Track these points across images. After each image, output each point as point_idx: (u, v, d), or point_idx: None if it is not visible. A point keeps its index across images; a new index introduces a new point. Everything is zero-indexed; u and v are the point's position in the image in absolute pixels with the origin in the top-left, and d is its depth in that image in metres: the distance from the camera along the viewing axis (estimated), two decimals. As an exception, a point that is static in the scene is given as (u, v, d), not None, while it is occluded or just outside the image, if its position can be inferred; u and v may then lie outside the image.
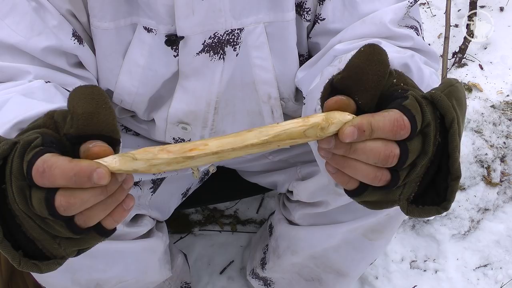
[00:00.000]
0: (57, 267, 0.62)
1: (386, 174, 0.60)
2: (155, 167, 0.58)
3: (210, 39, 0.90)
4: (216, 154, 0.58)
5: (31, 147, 0.57)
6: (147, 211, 1.13)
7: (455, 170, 0.62)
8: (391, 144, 0.59)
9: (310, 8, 0.93)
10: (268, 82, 0.98)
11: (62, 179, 0.55)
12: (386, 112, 0.60)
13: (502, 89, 1.94)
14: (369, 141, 0.59)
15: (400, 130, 0.59)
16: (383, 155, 0.58)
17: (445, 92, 0.63)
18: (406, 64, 0.78)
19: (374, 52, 0.60)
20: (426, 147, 0.61)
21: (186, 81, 0.95)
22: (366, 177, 0.60)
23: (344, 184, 0.63)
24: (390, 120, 0.58)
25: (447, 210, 0.63)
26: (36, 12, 0.85)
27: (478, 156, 1.78)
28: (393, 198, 0.63)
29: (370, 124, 0.58)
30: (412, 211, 0.64)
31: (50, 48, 0.86)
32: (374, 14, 0.88)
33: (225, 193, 1.51)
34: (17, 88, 0.80)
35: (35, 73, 0.85)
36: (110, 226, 0.60)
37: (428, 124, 0.61)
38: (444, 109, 0.62)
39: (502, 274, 1.73)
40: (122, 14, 0.90)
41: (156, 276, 1.22)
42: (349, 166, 0.60)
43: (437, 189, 0.64)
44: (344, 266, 1.24)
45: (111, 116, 0.59)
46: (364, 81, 0.60)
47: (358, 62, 0.60)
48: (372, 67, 0.60)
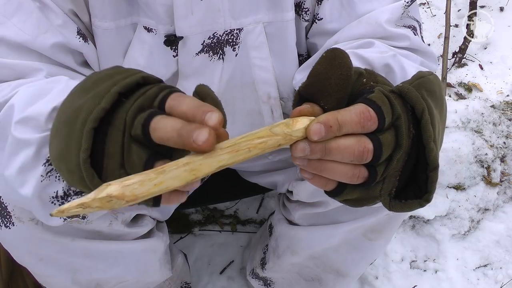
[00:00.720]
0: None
1: (364, 171, 0.61)
2: (128, 188, 0.54)
3: (209, 39, 0.90)
4: (188, 165, 0.55)
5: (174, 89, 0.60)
6: (147, 211, 1.13)
7: (432, 161, 0.62)
8: (364, 139, 0.59)
9: (309, 8, 0.93)
10: (267, 82, 0.98)
11: (186, 106, 0.56)
12: (352, 106, 0.60)
13: (502, 89, 1.94)
14: (341, 139, 0.59)
15: (367, 121, 0.59)
16: (357, 151, 0.59)
17: (414, 84, 0.63)
18: (387, 64, 0.78)
19: (335, 56, 0.61)
20: (399, 139, 0.61)
21: (185, 81, 0.95)
22: (344, 176, 0.60)
23: (323, 186, 0.63)
24: (356, 113, 0.59)
25: (429, 202, 0.63)
26: (41, 11, 0.86)
27: (478, 156, 1.78)
28: (373, 194, 0.63)
29: (336, 119, 0.58)
30: (395, 206, 0.64)
31: (58, 44, 0.86)
32: (370, 14, 0.88)
33: (225, 193, 1.51)
34: (63, 77, 0.81)
35: (47, 70, 0.85)
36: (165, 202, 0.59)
37: (399, 117, 0.61)
38: (412, 101, 0.62)
39: (502, 274, 1.73)
40: (123, 14, 0.90)
41: (157, 276, 1.22)
42: (326, 169, 0.60)
43: (418, 182, 0.64)
44: (344, 266, 1.24)
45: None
46: (327, 86, 0.60)
47: (320, 68, 0.61)
48: (334, 71, 0.60)
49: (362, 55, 0.80)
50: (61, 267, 1.02)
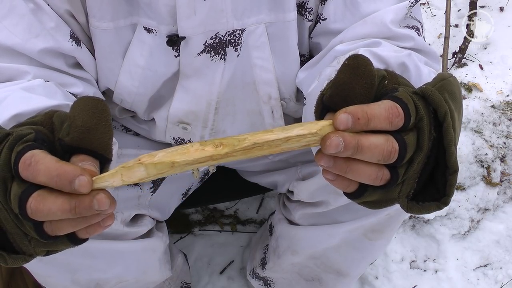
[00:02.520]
0: (23, 263, 0.62)
1: (387, 173, 0.60)
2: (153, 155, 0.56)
3: (211, 40, 0.90)
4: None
5: (23, 140, 0.57)
6: (147, 211, 1.13)
7: (452, 164, 0.61)
8: (391, 138, 0.59)
9: (312, 8, 0.93)
10: (268, 82, 0.98)
11: (44, 176, 0.54)
12: (380, 101, 0.59)
13: (502, 89, 1.94)
14: (371, 137, 0.58)
15: (395, 117, 0.58)
16: (386, 151, 0.58)
17: (437, 87, 0.63)
18: (403, 63, 0.78)
19: (358, 65, 0.59)
20: (421, 142, 0.61)
21: (186, 81, 0.95)
22: (368, 178, 0.59)
23: (345, 188, 0.62)
24: (385, 108, 0.58)
25: (447, 205, 0.63)
26: (33, 14, 0.85)
27: (478, 156, 1.78)
28: (392, 196, 0.63)
29: (365, 112, 0.57)
30: (412, 208, 0.64)
31: (47, 49, 0.86)
32: (375, 14, 0.88)
33: (225, 193, 1.51)
34: (17, 86, 0.80)
35: (34, 73, 0.85)
36: (83, 236, 0.59)
37: (421, 118, 0.60)
38: (435, 103, 0.61)
39: (502, 274, 1.73)
40: (122, 14, 0.89)
41: (156, 276, 1.22)
42: (352, 170, 0.59)
43: (436, 185, 0.63)
44: (344, 266, 1.24)
45: (108, 135, 0.59)
46: (351, 96, 0.59)
47: (344, 77, 0.60)
48: (358, 81, 0.59)
49: (378, 54, 0.80)
50: (61, 267, 1.02)
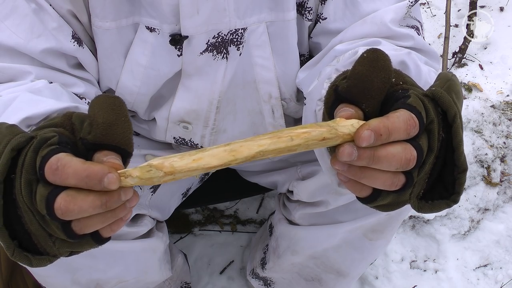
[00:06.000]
0: (48, 264, 0.63)
1: (402, 178, 0.60)
2: (167, 160, 0.57)
3: (214, 39, 0.90)
4: (228, 145, 0.57)
5: (47, 144, 0.58)
6: (147, 211, 1.13)
7: (461, 163, 0.62)
8: (409, 146, 0.59)
9: (312, 7, 0.93)
10: (269, 81, 0.98)
11: (74, 179, 0.55)
12: (397, 113, 0.59)
13: (502, 89, 1.94)
14: (389, 147, 0.58)
15: (412, 128, 0.58)
16: (404, 159, 0.58)
17: (445, 88, 0.63)
18: (403, 62, 0.78)
19: (378, 58, 0.60)
20: (431, 143, 0.61)
21: (188, 80, 0.95)
22: (383, 184, 0.60)
23: (357, 192, 0.62)
24: (404, 121, 0.58)
25: (457, 202, 0.63)
26: (36, 14, 0.85)
27: (478, 156, 1.78)
28: (404, 199, 0.63)
29: (387, 127, 0.57)
30: (423, 207, 0.64)
31: (49, 50, 0.87)
32: (375, 14, 0.88)
33: (225, 193, 1.51)
34: (22, 87, 0.81)
35: (36, 73, 0.85)
36: (107, 235, 0.61)
37: (432, 121, 0.61)
38: (446, 105, 0.62)
39: (502, 274, 1.73)
40: (124, 14, 0.90)
41: (156, 276, 1.22)
42: (367, 176, 0.59)
43: (444, 184, 0.64)
44: (344, 266, 1.24)
45: (129, 129, 0.60)
46: (370, 89, 0.59)
47: (363, 70, 0.60)
48: (377, 74, 0.59)
49: None
50: (61, 267, 1.01)
